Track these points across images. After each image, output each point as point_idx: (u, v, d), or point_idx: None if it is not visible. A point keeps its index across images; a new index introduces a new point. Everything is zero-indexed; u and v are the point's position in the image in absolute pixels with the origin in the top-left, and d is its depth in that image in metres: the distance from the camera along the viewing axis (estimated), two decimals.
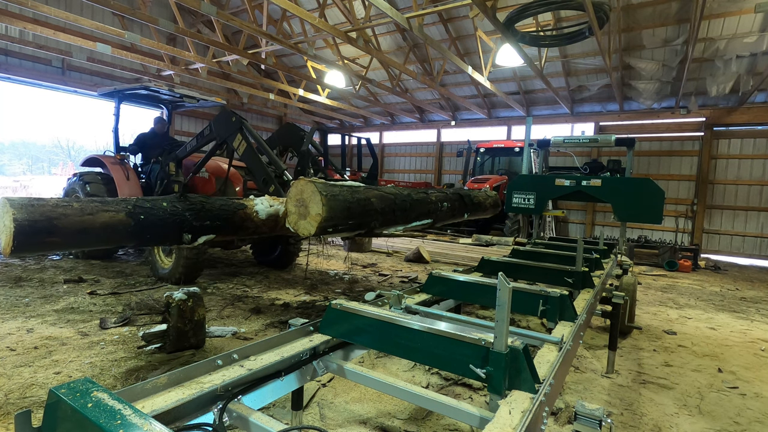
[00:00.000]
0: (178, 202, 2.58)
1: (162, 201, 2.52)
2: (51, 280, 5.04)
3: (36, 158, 42.50)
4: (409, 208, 3.19)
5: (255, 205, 3.01)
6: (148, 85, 5.85)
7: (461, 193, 4.25)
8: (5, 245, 1.95)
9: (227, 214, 2.81)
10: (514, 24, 7.00)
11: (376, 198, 2.79)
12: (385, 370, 3.02)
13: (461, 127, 15.20)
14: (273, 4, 7.73)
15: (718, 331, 4.48)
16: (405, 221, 3.26)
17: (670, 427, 2.48)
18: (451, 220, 4.18)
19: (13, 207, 1.92)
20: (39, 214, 1.98)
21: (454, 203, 3.97)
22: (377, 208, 2.78)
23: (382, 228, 3.08)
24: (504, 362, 1.30)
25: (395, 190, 3.12)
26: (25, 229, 1.92)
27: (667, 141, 11.64)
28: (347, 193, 2.50)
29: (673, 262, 8.56)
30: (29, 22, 8.01)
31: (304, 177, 2.44)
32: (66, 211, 2.07)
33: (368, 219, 2.73)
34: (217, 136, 4.64)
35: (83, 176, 5.94)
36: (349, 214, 2.49)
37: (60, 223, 2.03)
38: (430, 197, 3.58)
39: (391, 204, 2.97)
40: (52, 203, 2.08)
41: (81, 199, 2.23)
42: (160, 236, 2.50)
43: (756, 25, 8.63)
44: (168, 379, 1.24)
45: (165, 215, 2.46)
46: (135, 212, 2.33)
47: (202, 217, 2.64)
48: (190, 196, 2.68)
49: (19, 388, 2.47)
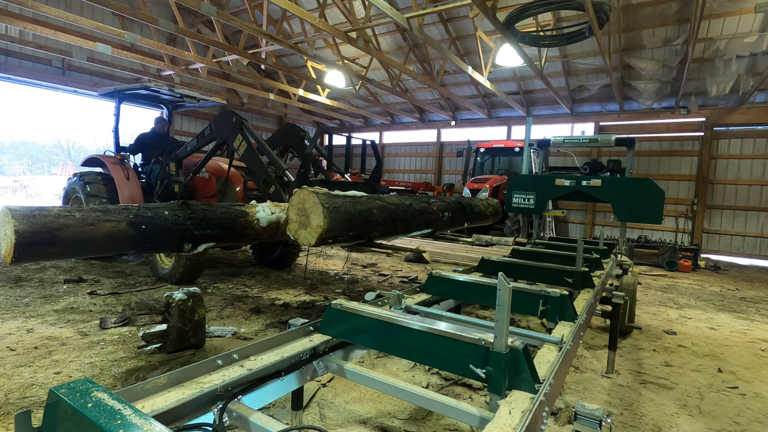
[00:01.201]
0: (180, 210, 2.55)
1: (164, 209, 2.49)
2: (51, 280, 5.04)
3: (36, 158, 42.52)
4: (410, 218, 3.17)
5: (257, 212, 2.98)
6: (149, 85, 5.85)
7: (462, 202, 4.24)
8: (6, 254, 1.94)
9: (228, 222, 2.78)
10: (514, 24, 7.00)
11: (377, 209, 2.77)
12: (385, 370, 3.02)
13: (461, 127, 15.20)
14: (273, 4, 7.74)
15: (718, 331, 4.48)
16: (405, 231, 3.25)
17: (670, 427, 2.48)
18: (450, 228, 4.20)
19: (14, 218, 1.91)
20: (41, 225, 1.96)
21: (455, 212, 3.97)
22: (378, 219, 2.77)
23: (382, 238, 3.08)
24: (504, 362, 1.30)
25: (397, 200, 3.10)
26: (27, 240, 1.91)
27: (667, 141, 11.64)
28: (349, 205, 2.49)
29: (673, 262, 8.56)
30: (29, 22, 8.01)
31: (307, 186, 2.43)
32: (68, 222, 2.05)
33: (369, 230, 2.72)
34: (218, 137, 4.65)
35: (83, 176, 5.92)
36: (351, 226, 2.48)
37: (61, 234, 2.02)
38: (431, 207, 3.55)
39: (393, 215, 2.96)
40: (54, 213, 2.06)
41: (82, 209, 2.20)
42: (161, 245, 2.48)
43: (756, 25, 8.63)
44: (168, 379, 1.24)
45: (166, 224, 2.44)
46: (137, 222, 2.30)
47: (204, 226, 2.61)
48: (191, 203, 2.64)
49: (19, 388, 2.47)
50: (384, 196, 3.07)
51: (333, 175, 6.57)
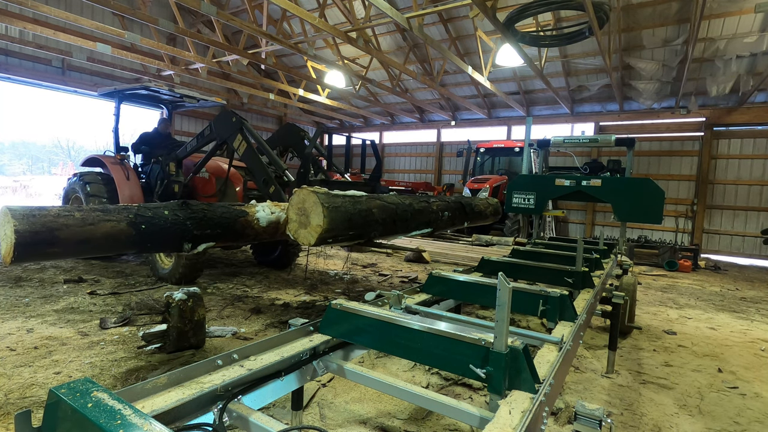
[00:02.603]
0: (180, 210, 2.54)
1: (164, 209, 2.48)
2: (51, 280, 5.04)
3: (36, 158, 42.52)
4: (410, 218, 3.17)
5: (256, 212, 2.98)
6: (149, 85, 5.84)
7: (462, 201, 4.23)
8: (5, 254, 1.93)
9: (228, 222, 2.77)
10: (514, 24, 6.99)
11: (377, 209, 2.77)
12: (385, 370, 3.02)
13: (461, 127, 15.20)
14: (273, 4, 7.73)
15: (718, 331, 4.48)
16: (405, 231, 3.25)
17: (670, 427, 2.48)
18: (450, 228, 4.19)
19: (14, 218, 1.90)
20: (41, 224, 1.96)
21: (454, 212, 3.97)
22: (378, 219, 2.76)
23: (381, 238, 3.07)
24: (504, 362, 1.30)
25: (397, 200, 3.09)
26: (27, 240, 1.91)
27: (667, 141, 11.64)
28: (349, 204, 2.48)
29: (673, 262, 8.56)
30: (29, 22, 8.01)
31: (306, 186, 2.42)
32: (68, 222, 2.05)
33: (369, 230, 2.72)
34: (218, 137, 4.64)
35: (83, 176, 5.91)
36: (350, 225, 2.48)
37: (61, 234, 2.01)
38: (431, 206, 3.55)
39: (392, 214, 2.95)
40: (54, 213, 2.05)
41: (82, 208, 2.19)
42: (160, 245, 2.47)
43: (756, 25, 8.63)
44: (168, 379, 1.24)
45: (166, 224, 2.43)
46: (136, 221, 2.30)
47: (203, 226, 2.60)
48: (191, 203, 2.64)
49: (19, 388, 2.47)
50: (384, 195, 3.07)
51: (333, 175, 6.57)
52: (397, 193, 3.42)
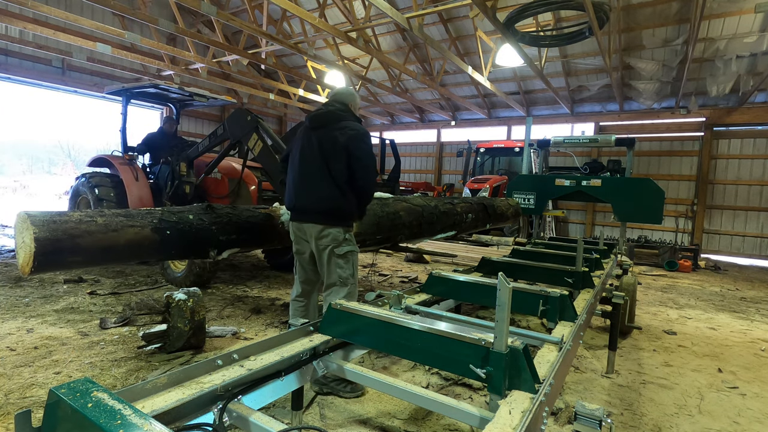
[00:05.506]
0: (205, 215, 2.44)
1: (188, 213, 2.37)
2: (51, 280, 5.03)
3: (36, 158, 42.49)
4: (436, 220, 3.11)
5: (282, 215, 2.88)
6: (158, 83, 5.76)
7: (485, 203, 4.19)
8: (24, 264, 1.77)
9: (253, 225, 2.67)
10: (514, 24, 6.99)
11: (404, 211, 2.69)
12: (385, 370, 3.02)
13: (461, 127, 15.19)
14: (273, 4, 7.72)
15: (718, 331, 4.48)
16: (431, 233, 3.19)
17: (670, 427, 2.48)
18: (474, 230, 4.14)
19: (34, 224, 1.73)
20: (62, 232, 1.81)
21: (478, 214, 3.94)
22: (405, 222, 2.67)
23: (408, 241, 3.00)
24: (504, 362, 1.30)
25: (423, 202, 3.03)
26: (47, 248, 1.75)
27: (667, 141, 11.64)
28: (377, 207, 2.39)
29: (673, 262, 8.56)
30: (29, 22, 8.00)
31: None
32: (90, 228, 1.91)
33: (396, 233, 2.63)
34: (231, 136, 4.50)
35: (90, 177, 5.76)
36: (378, 229, 2.37)
37: (83, 241, 1.87)
38: (456, 208, 3.49)
39: (419, 217, 2.87)
40: (75, 219, 1.90)
41: (104, 213, 2.08)
42: (185, 251, 2.36)
43: (756, 25, 8.62)
44: (168, 379, 1.24)
45: (191, 229, 2.32)
46: (161, 227, 2.18)
47: (229, 231, 2.50)
48: (216, 207, 2.54)
49: (19, 388, 2.47)
50: (409, 197, 3.00)
51: None
52: (421, 194, 3.39)
